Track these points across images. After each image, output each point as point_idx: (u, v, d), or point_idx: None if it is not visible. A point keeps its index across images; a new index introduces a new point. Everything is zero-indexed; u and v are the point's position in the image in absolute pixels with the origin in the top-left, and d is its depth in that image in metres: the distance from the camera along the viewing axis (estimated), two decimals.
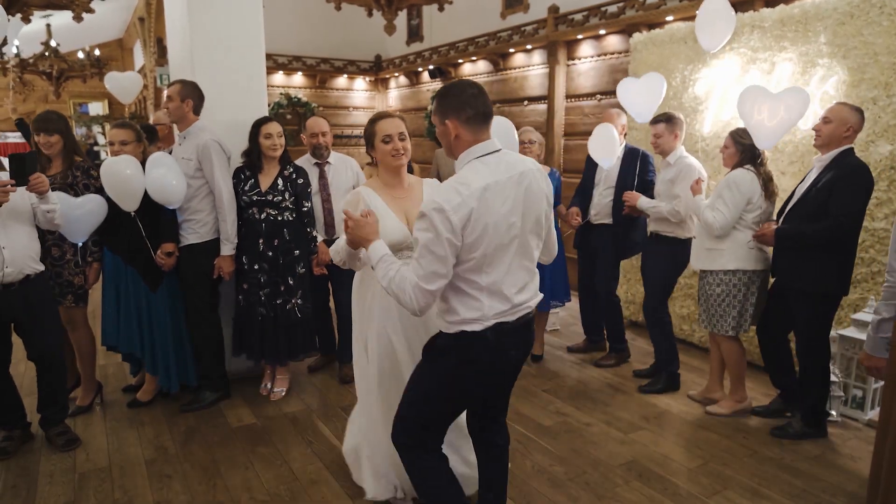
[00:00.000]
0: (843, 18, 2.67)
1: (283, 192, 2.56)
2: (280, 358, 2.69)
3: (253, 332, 2.63)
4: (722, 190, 2.41)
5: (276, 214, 2.56)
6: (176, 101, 2.49)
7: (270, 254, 2.57)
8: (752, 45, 3.06)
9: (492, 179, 1.31)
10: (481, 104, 1.34)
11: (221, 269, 2.55)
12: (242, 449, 2.30)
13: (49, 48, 6.99)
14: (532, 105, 5.45)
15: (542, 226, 1.44)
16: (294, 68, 7.49)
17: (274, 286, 2.60)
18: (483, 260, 1.33)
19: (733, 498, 1.99)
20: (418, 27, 7.33)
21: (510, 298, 1.39)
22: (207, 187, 2.53)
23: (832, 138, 2.16)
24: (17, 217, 2.12)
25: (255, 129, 2.57)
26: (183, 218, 2.56)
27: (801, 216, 2.20)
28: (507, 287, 1.38)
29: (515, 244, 1.37)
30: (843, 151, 2.18)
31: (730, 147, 2.47)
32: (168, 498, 1.98)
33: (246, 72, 2.83)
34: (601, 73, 4.70)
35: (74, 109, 10.55)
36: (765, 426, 2.47)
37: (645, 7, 4.18)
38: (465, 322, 1.37)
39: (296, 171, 2.63)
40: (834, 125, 2.15)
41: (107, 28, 9.13)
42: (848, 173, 2.11)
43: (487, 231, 1.31)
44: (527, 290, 1.44)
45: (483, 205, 1.28)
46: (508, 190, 1.32)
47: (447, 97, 1.35)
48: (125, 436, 2.40)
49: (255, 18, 2.84)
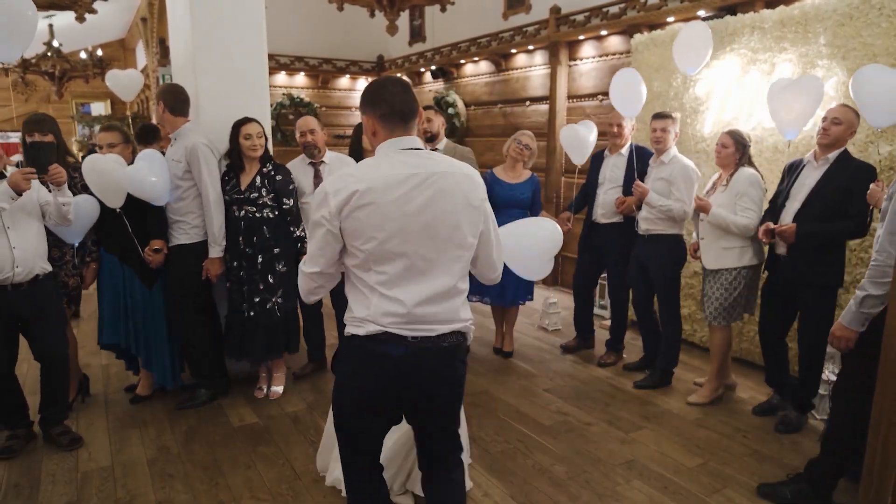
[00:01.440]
0: (843, 20, 2.68)
1: (261, 189, 2.56)
2: (258, 357, 2.68)
3: (234, 331, 2.64)
4: (746, 190, 2.46)
5: (254, 212, 2.56)
6: (159, 107, 2.56)
7: (249, 251, 2.57)
8: (753, 45, 3.07)
9: (390, 173, 1.22)
10: (399, 102, 1.26)
11: (209, 271, 2.56)
12: (244, 448, 2.31)
13: (51, 48, 7.01)
14: (534, 105, 5.46)
15: (464, 236, 1.28)
16: (296, 69, 7.50)
17: (253, 284, 2.59)
18: (370, 257, 1.23)
19: (733, 497, 1.99)
20: (420, 28, 7.34)
21: (405, 304, 1.23)
22: (196, 189, 2.54)
23: (839, 139, 2.20)
24: (27, 214, 2.12)
25: (235, 129, 2.58)
26: (173, 219, 2.58)
27: (815, 215, 2.22)
28: (405, 293, 1.24)
29: (416, 248, 1.24)
30: (845, 152, 2.21)
31: (729, 147, 2.50)
32: (170, 497, 1.99)
33: (248, 72, 2.84)
34: (603, 73, 4.70)
35: (76, 109, 10.57)
36: (764, 425, 2.48)
37: (646, 8, 4.19)
38: (355, 322, 1.28)
39: (275, 168, 2.63)
40: (843, 127, 2.19)
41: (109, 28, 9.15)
42: (864, 177, 2.14)
43: (371, 224, 1.21)
44: (437, 306, 1.26)
45: (369, 196, 1.20)
46: (408, 188, 1.22)
47: (367, 92, 1.30)
48: (127, 435, 2.41)
49: (258, 19, 2.85)
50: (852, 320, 1.74)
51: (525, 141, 3.06)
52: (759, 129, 3.03)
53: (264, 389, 2.78)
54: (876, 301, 1.67)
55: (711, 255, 2.58)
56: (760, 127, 3.02)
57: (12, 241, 2.07)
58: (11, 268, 2.06)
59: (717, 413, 2.61)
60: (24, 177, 1.98)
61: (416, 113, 1.29)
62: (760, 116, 2.99)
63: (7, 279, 2.07)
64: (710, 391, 2.71)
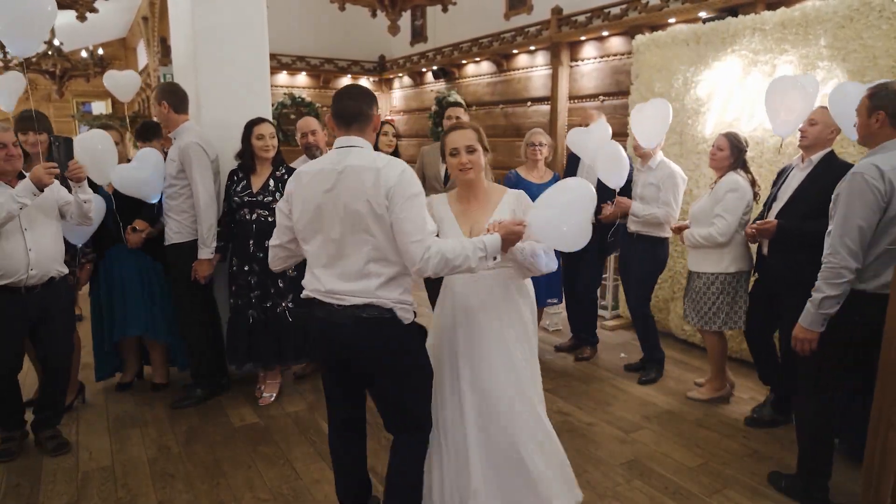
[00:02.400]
0: (843, 22, 2.69)
1: (274, 193, 2.54)
2: (268, 362, 2.63)
3: (238, 336, 2.60)
4: (725, 195, 2.48)
5: (266, 215, 2.53)
6: (157, 106, 2.56)
7: (261, 255, 2.53)
8: (754, 47, 3.07)
9: (317, 167, 1.50)
10: (339, 107, 1.51)
11: (197, 273, 2.54)
12: (245, 448, 2.31)
13: (52, 47, 7.01)
14: (535, 106, 5.46)
15: (367, 223, 1.42)
16: (298, 68, 7.50)
17: (264, 288, 2.56)
18: (299, 234, 1.54)
19: (734, 497, 2.00)
20: (422, 28, 7.34)
21: (319, 279, 1.50)
22: (191, 189, 2.54)
23: (818, 140, 2.21)
24: (45, 214, 2.11)
25: (248, 129, 2.56)
26: (169, 218, 2.58)
27: (798, 215, 2.24)
28: (317, 267, 1.51)
29: (325, 229, 1.48)
30: (830, 153, 2.23)
31: (724, 150, 2.52)
32: (171, 497, 1.99)
33: (249, 72, 2.84)
34: (604, 74, 4.70)
35: (77, 108, 10.57)
36: (764, 425, 2.48)
37: (647, 9, 4.20)
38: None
39: (288, 172, 2.60)
40: (820, 127, 2.21)
41: (110, 27, 9.16)
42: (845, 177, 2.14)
43: (299, 207, 1.51)
44: (350, 283, 1.45)
45: (300, 185, 1.50)
46: (326, 178, 1.46)
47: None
48: (128, 435, 2.41)
49: (259, 18, 2.85)
50: (812, 322, 1.78)
51: (536, 140, 3.06)
52: (759, 130, 3.04)
53: (262, 389, 2.78)
54: (833, 301, 1.74)
55: (694, 257, 2.65)
56: (761, 128, 3.02)
57: (28, 244, 2.05)
58: (26, 270, 2.05)
59: (718, 413, 2.62)
60: (47, 171, 1.97)
61: (356, 117, 1.50)
62: (762, 118, 2.99)
63: (21, 281, 2.05)
64: (710, 390, 2.74)
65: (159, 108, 2.55)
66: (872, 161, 1.72)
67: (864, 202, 1.69)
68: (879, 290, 1.73)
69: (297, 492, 2.02)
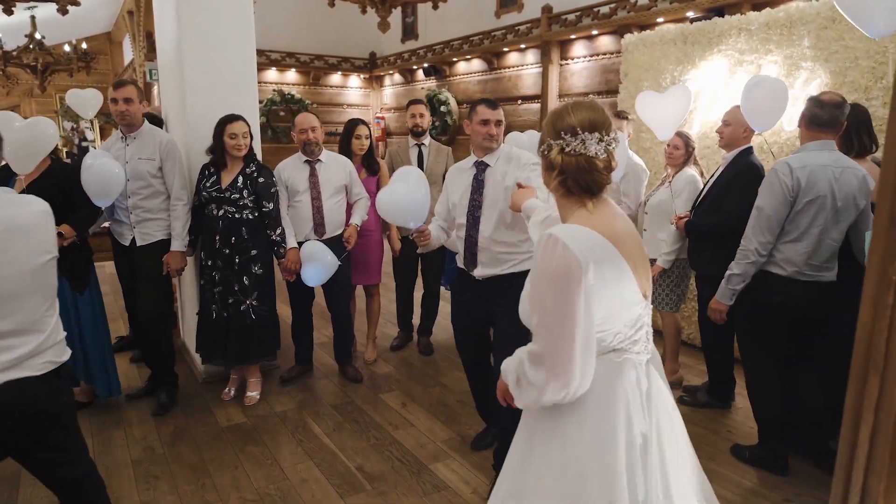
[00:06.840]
0: (826, 23, 2.73)
1: (242, 190, 2.51)
2: (230, 361, 2.61)
3: (204, 331, 2.60)
4: (683, 188, 2.67)
5: (234, 212, 2.51)
6: (141, 104, 2.52)
7: (226, 251, 2.51)
8: (739, 47, 3.11)
9: None
10: None
11: (169, 265, 2.53)
12: (231, 448, 2.29)
13: (34, 41, 6.84)
14: (525, 104, 5.47)
15: None
16: (287, 64, 7.42)
17: (227, 285, 2.53)
18: None
19: (719, 491, 2.00)
20: (413, 25, 7.31)
21: None
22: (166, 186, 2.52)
23: (733, 139, 2.37)
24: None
25: (220, 126, 2.51)
26: (151, 217, 2.54)
27: (705, 210, 2.43)
28: None
29: None
30: (743, 151, 2.36)
31: (681, 148, 2.71)
32: (155, 498, 1.97)
33: (236, 68, 2.80)
34: (594, 72, 4.73)
35: (60, 104, 10.37)
36: (748, 420, 2.51)
37: (636, 8, 4.22)
38: None
39: (258, 169, 2.56)
40: (733, 127, 2.36)
41: (94, 21, 8.98)
42: (743, 171, 2.32)
43: None
44: None
45: None
46: None
47: None
48: (111, 436, 2.38)
49: (246, 13, 2.81)
50: (723, 295, 2.09)
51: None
52: None
53: (231, 392, 2.72)
54: (739, 279, 2.04)
55: (651, 245, 2.74)
56: None
57: None
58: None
59: (704, 409, 2.65)
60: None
61: None
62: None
63: None
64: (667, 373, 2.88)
65: (139, 107, 2.50)
66: (787, 159, 1.93)
67: (773, 195, 1.92)
68: (793, 276, 1.96)
69: (283, 492, 2.01)
